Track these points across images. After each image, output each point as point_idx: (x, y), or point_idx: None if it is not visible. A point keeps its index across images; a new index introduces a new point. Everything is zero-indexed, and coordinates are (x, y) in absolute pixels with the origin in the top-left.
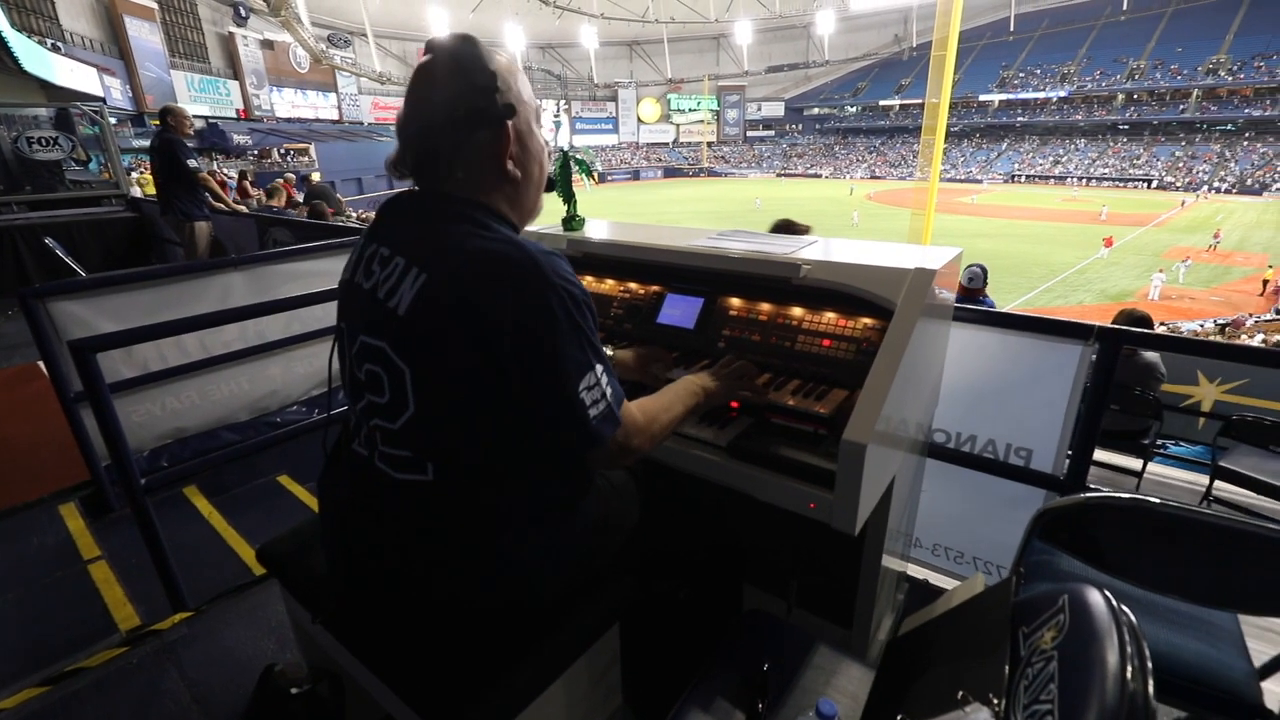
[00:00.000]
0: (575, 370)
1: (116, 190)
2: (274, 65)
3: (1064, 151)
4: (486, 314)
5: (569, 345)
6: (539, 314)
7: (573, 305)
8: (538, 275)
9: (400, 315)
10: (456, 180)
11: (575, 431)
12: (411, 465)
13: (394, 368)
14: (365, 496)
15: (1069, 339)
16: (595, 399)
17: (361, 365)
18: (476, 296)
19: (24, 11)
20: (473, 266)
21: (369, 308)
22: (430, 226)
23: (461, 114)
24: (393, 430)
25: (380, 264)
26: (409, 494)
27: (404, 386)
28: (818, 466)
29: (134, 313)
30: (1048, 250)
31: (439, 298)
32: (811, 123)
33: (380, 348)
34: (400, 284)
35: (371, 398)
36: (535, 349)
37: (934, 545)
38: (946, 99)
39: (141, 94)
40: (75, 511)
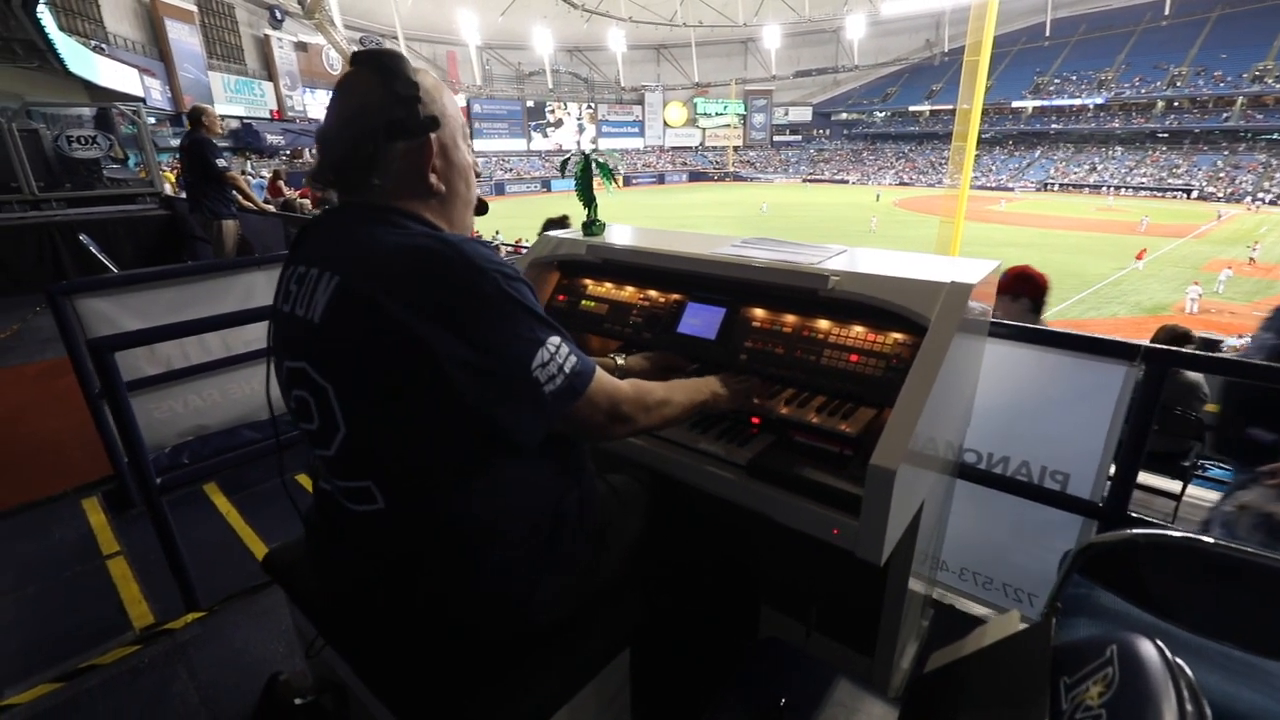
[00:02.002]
0: (524, 351)
1: (151, 188)
2: (307, 67)
3: (1100, 160)
4: (411, 309)
5: (511, 325)
6: (470, 300)
7: (507, 284)
8: (462, 261)
9: (314, 324)
10: (375, 189)
11: (534, 410)
12: (360, 495)
13: (317, 387)
14: (337, 532)
15: (1113, 359)
16: (550, 374)
17: (290, 394)
18: (397, 291)
19: (71, 14)
20: (391, 262)
21: (291, 330)
22: (346, 231)
23: (380, 122)
24: (330, 458)
25: (298, 282)
26: (368, 526)
27: (330, 406)
28: (842, 490)
29: (158, 310)
30: (1081, 261)
31: (353, 298)
32: (839, 128)
33: (301, 369)
34: (314, 294)
35: (304, 425)
36: (472, 339)
37: (961, 569)
38: (979, 105)
39: (180, 94)
40: (98, 506)
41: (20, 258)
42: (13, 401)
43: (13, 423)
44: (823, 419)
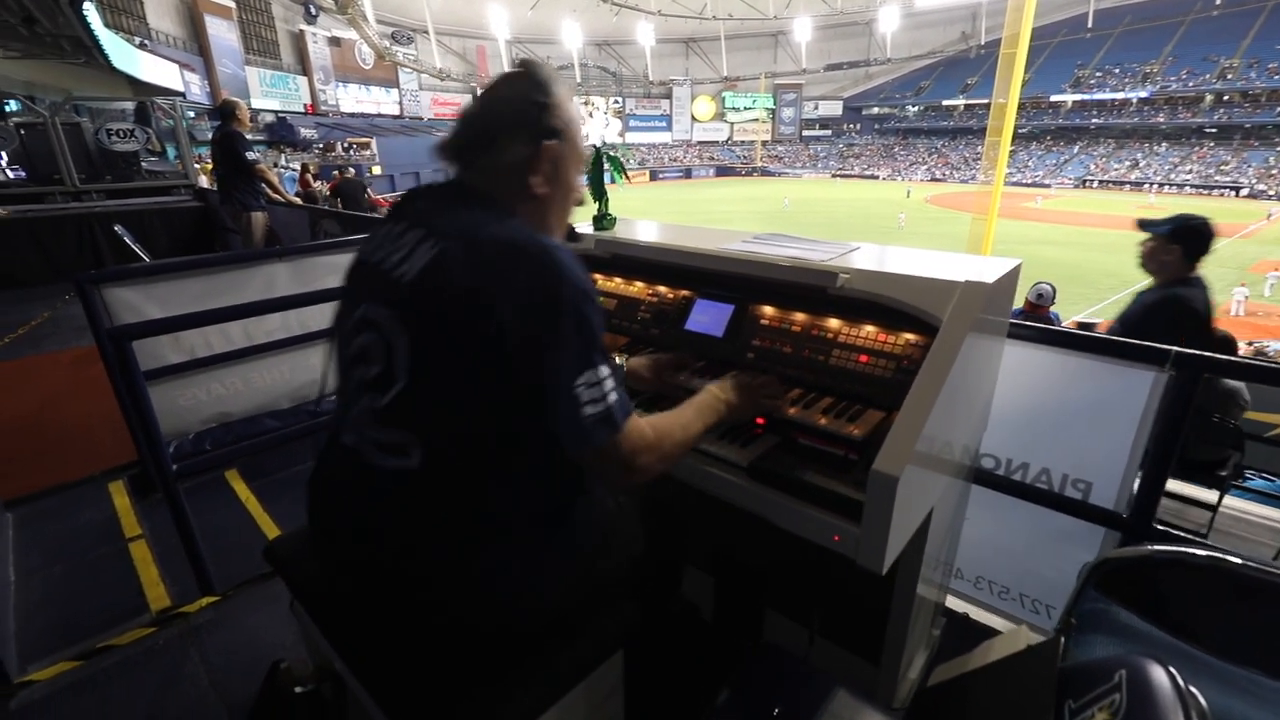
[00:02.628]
0: (575, 364)
1: (186, 180)
2: (340, 61)
3: (1143, 156)
4: (495, 291)
5: (573, 339)
6: (549, 301)
7: (584, 301)
8: (553, 265)
9: (406, 282)
10: (484, 174)
11: (567, 427)
12: (397, 449)
13: (389, 336)
14: (351, 490)
15: (1140, 364)
16: (594, 398)
17: (356, 338)
18: (488, 273)
19: (116, 11)
20: (489, 246)
21: (375, 280)
22: (453, 207)
23: (509, 115)
24: (380, 408)
25: (394, 240)
26: (394, 483)
27: (396, 356)
28: (844, 496)
29: (183, 300)
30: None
31: (450, 269)
32: (870, 122)
33: (379, 316)
34: (413, 254)
35: (362, 370)
36: (538, 335)
37: (977, 578)
38: (1015, 99)
39: (218, 89)
40: (123, 490)
41: (61, 247)
42: (49, 387)
43: (48, 407)
44: (829, 421)
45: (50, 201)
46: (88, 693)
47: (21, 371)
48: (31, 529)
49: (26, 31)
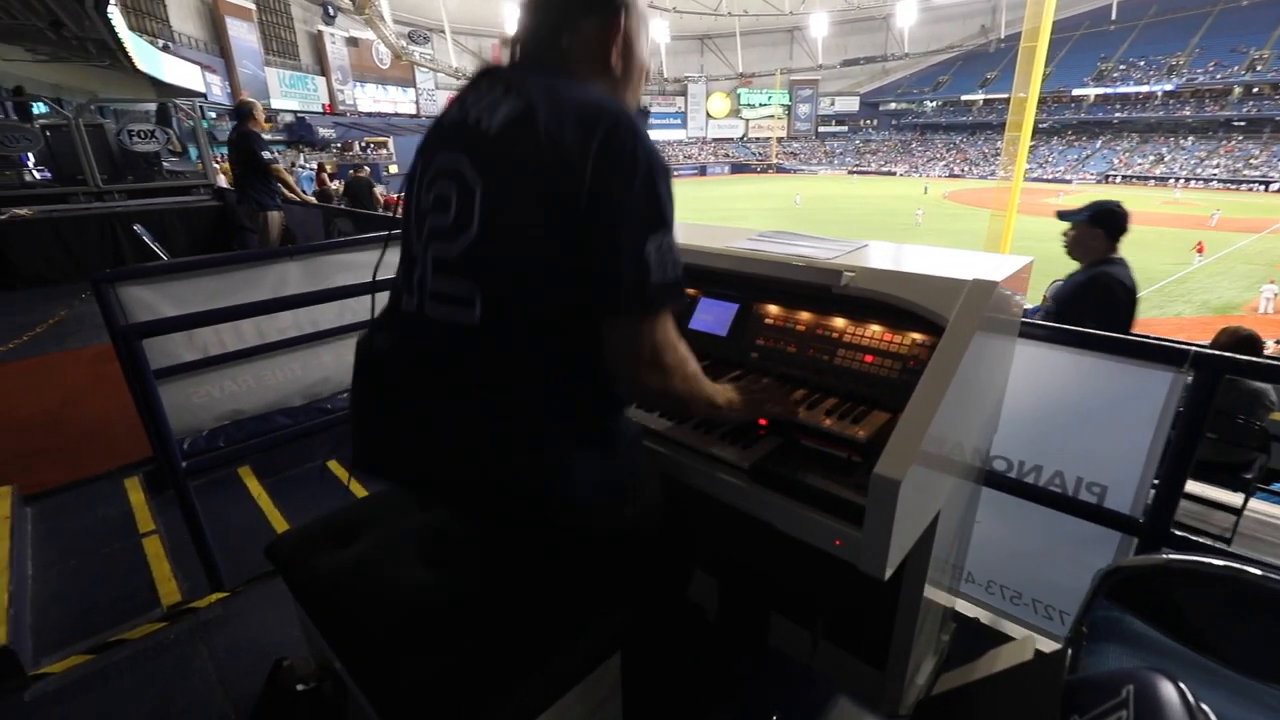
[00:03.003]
0: (647, 225)
1: (205, 180)
2: (358, 61)
3: (1168, 150)
4: (575, 146)
5: (647, 201)
6: (625, 159)
7: (657, 165)
8: (631, 127)
9: (488, 132)
10: (563, 52)
11: (628, 286)
12: (459, 302)
13: (466, 184)
14: (409, 347)
15: (1157, 364)
16: (662, 263)
17: (431, 188)
18: (569, 127)
19: (140, 14)
20: (571, 104)
21: (454, 133)
22: (535, 73)
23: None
24: (449, 257)
25: (474, 101)
26: (452, 335)
27: (471, 204)
28: (845, 499)
29: (196, 298)
30: (1143, 257)
31: (532, 121)
32: (887, 118)
33: (456, 165)
34: (496, 108)
35: (434, 220)
36: (613, 191)
37: (988, 582)
38: (1035, 94)
39: (239, 89)
40: (138, 486)
41: (84, 246)
42: (70, 383)
43: (69, 403)
44: (833, 422)
45: (74, 201)
46: (99, 686)
47: (45, 368)
48: (49, 523)
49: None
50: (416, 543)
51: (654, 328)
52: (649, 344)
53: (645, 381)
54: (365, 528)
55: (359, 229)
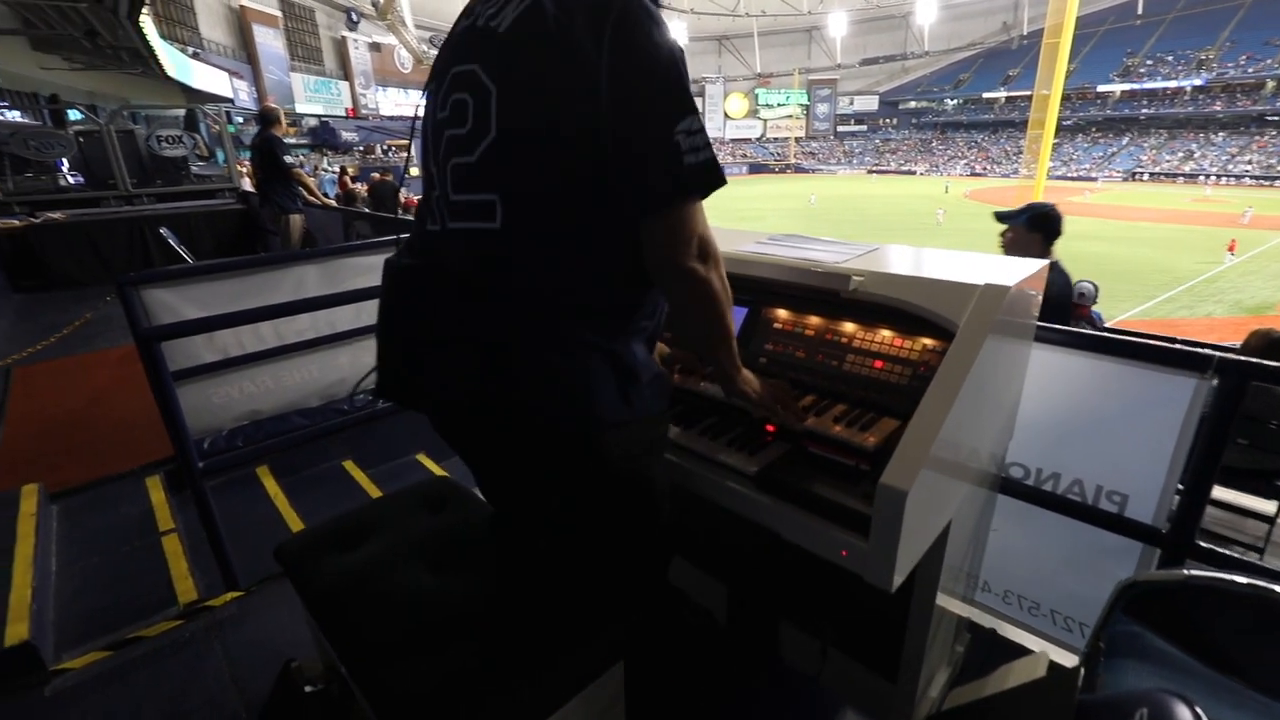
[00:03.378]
0: (674, 109)
1: (230, 184)
2: (380, 66)
3: (1197, 146)
4: (589, 36)
5: (672, 85)
6: (641, 42)
7: (676, 50)
8: (645, 11)
9: (499, 33)
10: None
11: (661, 176)
12: (481, 210)
13: (481, 89)
14: (433, 261)
15: (1179, 370)
16: (694, 145)
17: (448, 100)
18: (582, 18)
19: (171, 23)
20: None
21: (465, 41)
22: None
23: None
24: (470, 164)
25: (484, 3)
26: (475, 243)
27: (488, 108)
28: (852, 509)
29: (218, 300)
30: (1172, 256)
31: (543, 16)
32: (907, 117)
33: (470, 70)
34: (504, 9)
35: (452, 132)
36: (633, 77)
37: (1005, 592)
38: (1058, 91)
39: (265, 95)
40: (159, 484)
41: (113, 248)
42: (98, 383)
43: (96, 403)
44: (841, 429)
45: (104, 205)
46: (116, 682)
47: (74, 368)
48: (73, 521)
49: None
50: (422, 547)
51: (695, 214)
52: (694, 229)
53: (694, 270)
54: (373, 531)
55: (377, 231)
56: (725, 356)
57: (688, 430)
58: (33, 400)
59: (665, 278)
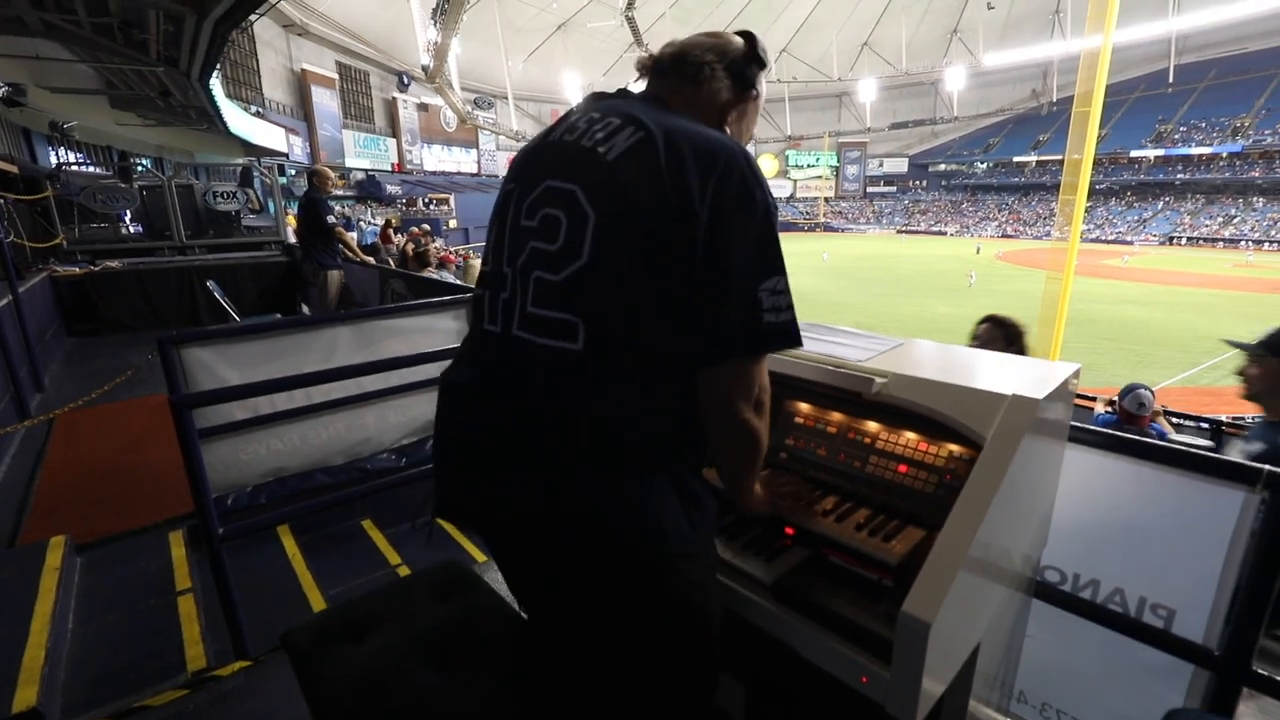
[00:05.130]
0: (762, 267)
1: (277, 237)
2: (426, 125)
3: (1236, 211)
4: (695, 181)
5: (762, 242)
6: (742, 199)
7: (772, 207)
8: (749, 167)
9: (607, 160)
10: (684, 96)
11: (740, 330)
12: (561, 329)
13: (578, 212)
14: (497, 371)
15: (1226, 481)
16: (776, 305)
17: (538, 211)
18: (691, 163)
19: (237, 84)
20: (691, 140)
21: (566, 156)
22: (654, 109)
23: (733, 58)
24: (552, 283)
25: (589, 123)
26: (551, 361)
27: (583, 233)
28: (873, 632)
29: (252, 360)
30: (1215, 322)
31: (653, 154)
32: (937, 179)
33: (570, 190)
34: (614, 136)
35: (538, 245)
36: (731, 229)
37: (1043, 705)
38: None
39: (318, 150)
40: (181, 540)
41: (164, 296)
42: (134, 431)
43: (130, 451)
44: (863, 539)
45: (158, 254)
46: None
47: (114, 415)
48: (95, 575)
49: (162, 103)
50: (431, 643)
51: (761, 368)
52: (756, 381)
53: (748, 421)
54: (382, 622)
55: (412, 289)
56: (747, 486)
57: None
58: (71, 448)
59: (718, 420)
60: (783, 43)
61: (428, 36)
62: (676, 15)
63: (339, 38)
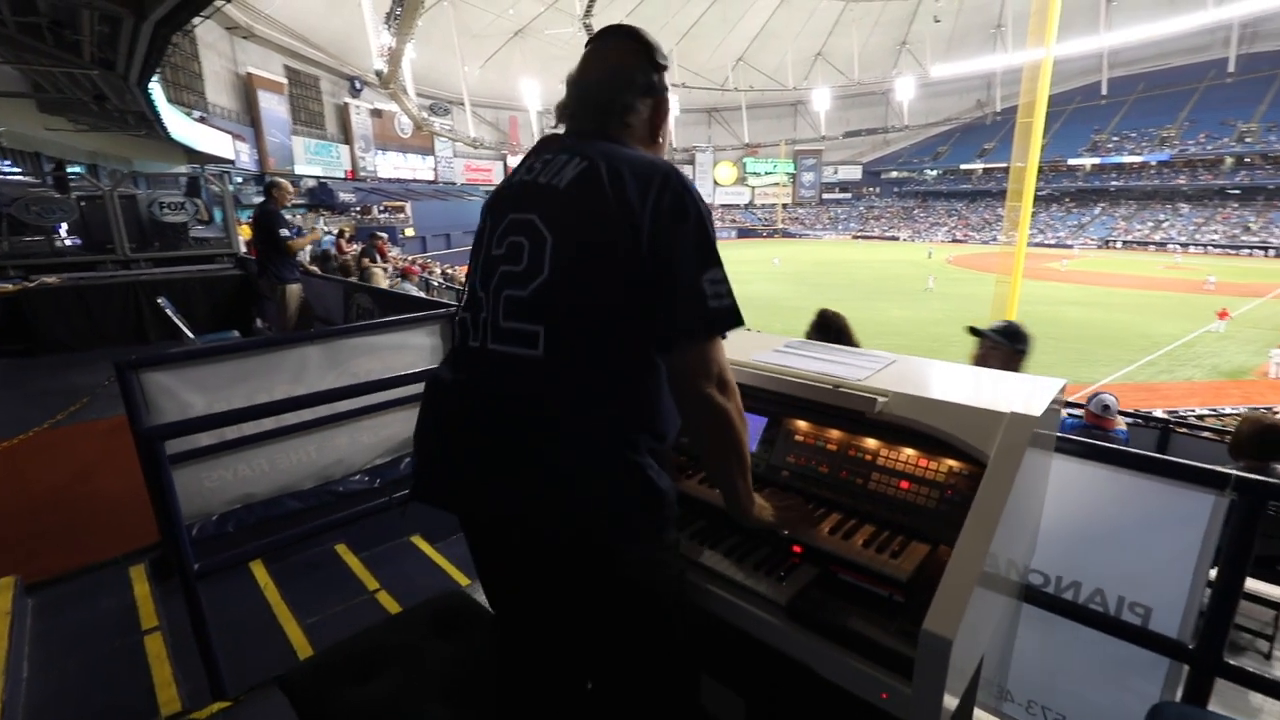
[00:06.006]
0: (701, 261)
1: (229, 249)
2: (380, 131)
3: (1165, 216)
4: (636, 196)
5: (698, 241)
6: (678, 207)
7: (705, 212)
8: (680, 180)
9: (559, 189)
10: (623, 128)
11: (688, 315)
12: (523, 338)
13: (538, 236)
14: (474, 377)
15: (1197, 486)
16: (718, 292)
17: (504, 240)
18: (630, 182)
19: (179, 88)
20: (629, 163)
21: (526, 192)
22: (595, 142)
23: (640, 79)
24: (521, 298)
25: (545, 164)
26: (517, 368)
27: (543, 252)
28: (892, 649)
29: (217, 383)
30: (1149, 320)
31: (597, 178)
32: (890, 186)
33: (529, 219)
34: (563, 169)
35: (506, 268)
36: (670, 233)
37: (1029, 703)
38: (1034, 165)
39: (266, 156)
40: (143, 575)
41: (108, 314)
42: (84, 458)
43: (80, 480)
44: (870, 555)
45: (101, 269)
46: None
47: (61, 441)
48: (50, 618)
49: (97, 108)
50: (440, 680)
51: (717, 350)
52: (715, 363)
53: (713, 397)
54: (386, 659)
55: (378, 304)
56: (741, 484)
57: (712, 550)
58: (14, 480)
59: (688, 403)
60: (739, 52)
61: (381, 41)
62: (634, 22)
63: (287, 41)
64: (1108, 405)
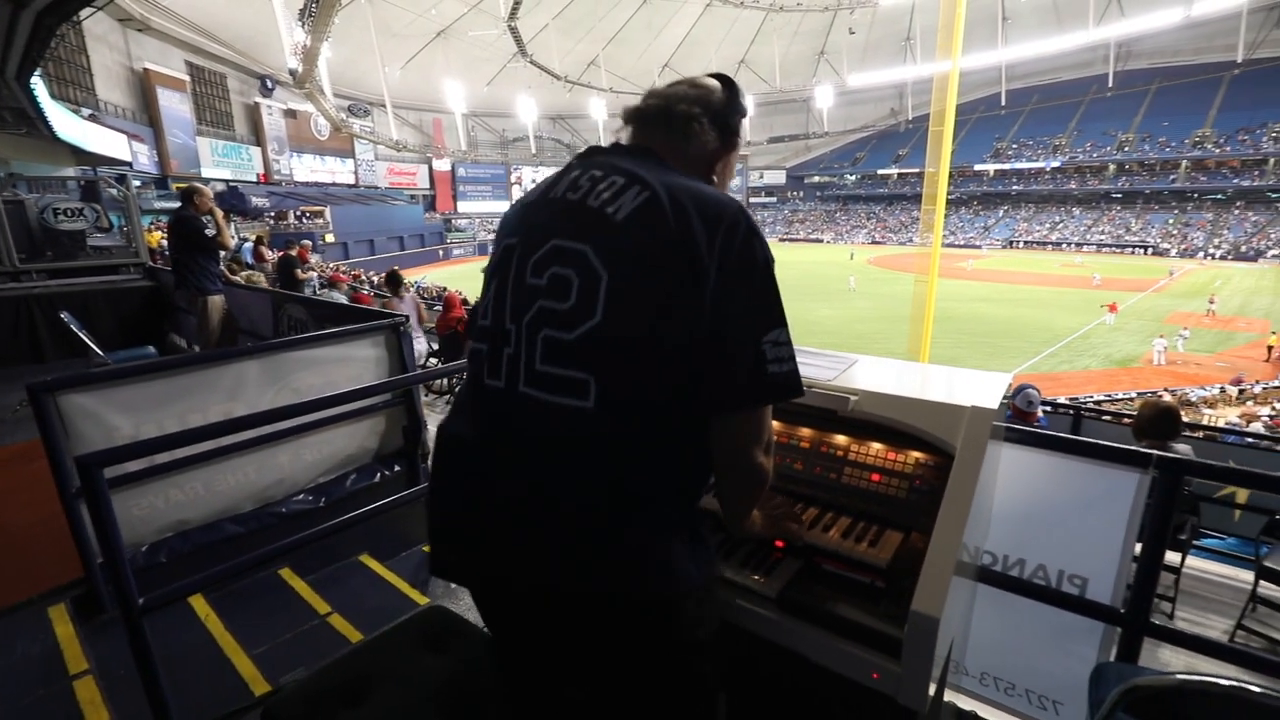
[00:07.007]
0: (765, 320)
1: (136, 259)
2: (295, 133)
3: (1060, 218)
4: (701, 239)
5: (764, 295)
6: (745, 255)
7: (771, 262)
8: (749, 224)
9: (616, 220)
10: (683, 140)
11: (747, 379)
12: (572, 387)
13: (590, 272)
14: (501, 427)
15: (1125, 466)
16: (779, 356)
17: (546, 270)
18: (694, 222)
19: (64, 83)
20: (695, 199)
21: (573, 214)
22: (651, 166)
23: (715, 108)
24: (564, 341)
25: (592, 181)
26: (561, 420)
27: (595, 292)
28: (881, 632)
29: (145, 403)
30: (1049, 314)
31: (662, 215)
32: (812, 190)
33: (580, 251)
34: (619, 196)
35: (547, 304)
36: (735, 285)
37: (982, 674)
38: (945, 171)
39: (168, 159)
40: (65, 614)
41: None
42: None
43: None
44: (850, 545)
45: None
46: None
47: None
48: None
49: None
50: (437, 700)
51: (768, 415)
52: (766, 429)
53: (761, 465)
54: (377, 682)
55: (311, 316)
56: (748, 516)
57: None
58: None
59: (731, 467)
60: (665, 58)
61: (295, 39)
62: (560, 26)
63: (188, 36)
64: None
